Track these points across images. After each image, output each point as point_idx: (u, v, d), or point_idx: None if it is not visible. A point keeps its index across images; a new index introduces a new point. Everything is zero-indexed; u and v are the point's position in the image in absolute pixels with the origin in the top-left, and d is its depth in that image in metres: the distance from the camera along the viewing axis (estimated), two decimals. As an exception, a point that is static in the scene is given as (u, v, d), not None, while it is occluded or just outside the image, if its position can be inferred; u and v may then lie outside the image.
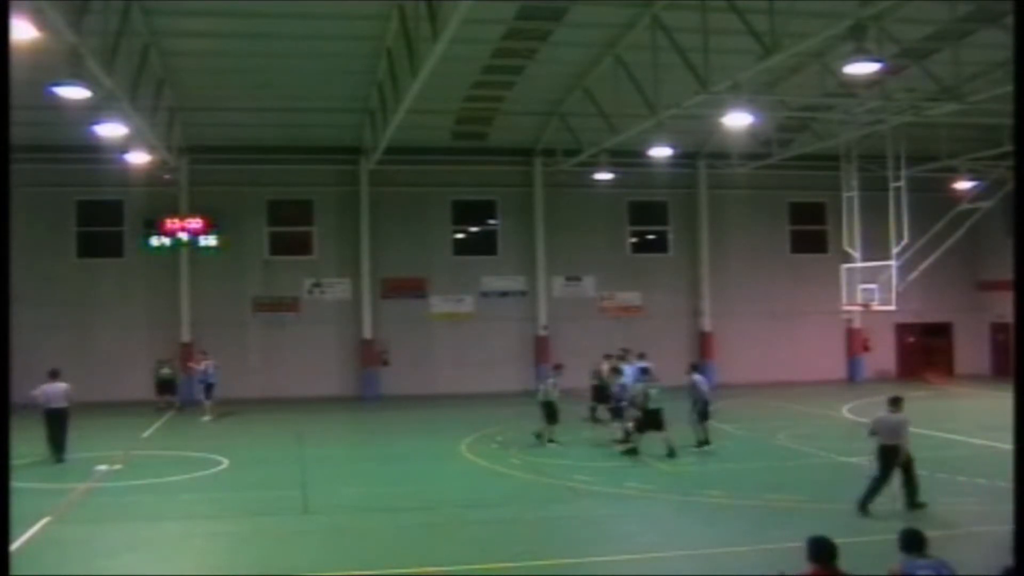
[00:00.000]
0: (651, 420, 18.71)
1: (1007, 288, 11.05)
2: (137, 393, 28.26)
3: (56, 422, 18.49)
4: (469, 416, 24.86)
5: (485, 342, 31.61)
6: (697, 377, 20.10)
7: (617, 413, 20.36)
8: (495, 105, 28.49)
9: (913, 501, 13.69)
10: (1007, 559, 6.58)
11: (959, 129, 28.19)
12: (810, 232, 34.54)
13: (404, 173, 31.01)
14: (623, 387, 20.40)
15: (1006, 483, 7.56)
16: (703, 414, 19.62)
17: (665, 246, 33.86)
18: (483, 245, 32.68)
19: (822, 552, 6.57)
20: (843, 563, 6.60)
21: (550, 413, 20.19)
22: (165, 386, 27.65)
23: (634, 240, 33.79)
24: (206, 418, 25.01)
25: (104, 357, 28.90)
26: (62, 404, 18.56)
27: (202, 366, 25.98)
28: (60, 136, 26.34)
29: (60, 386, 18.74)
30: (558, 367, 21.92)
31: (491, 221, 32.82)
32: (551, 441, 20.06)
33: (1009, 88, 18.13)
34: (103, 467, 17.82)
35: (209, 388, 25.65)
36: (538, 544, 12.29)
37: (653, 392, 18.88)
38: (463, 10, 14.29)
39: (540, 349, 31.88)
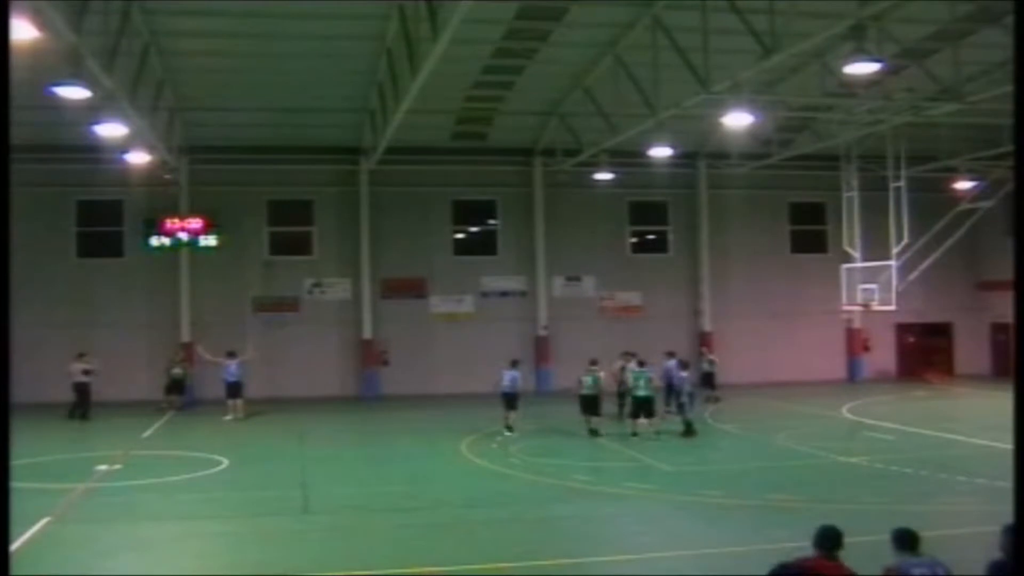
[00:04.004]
0: (644, 407, 20.85)
1: (1007, 288, 11.03)
2: (137, 393, 28.28)
3: (77, 392, 25.30)
4: (469, 416, 24.83)
5: (485, 342, 31.47)
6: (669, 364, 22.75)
7: (681, 408, 21.66)
8: (495, 105, 28.48)
9: None
10: (996, 555, 6.59)
11: (959, 129, 28.13)
12: (810, 232, 34.53)
13: (404, 173, 31.00)
14: (682, 380, 21.85)
15: (1006, 483, 7.56)
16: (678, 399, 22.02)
17: (665, 246, 33.86)
18: (483, 245, 32.68)
19: (825, 539, 6.57)
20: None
21: (593, 405, 21.29)
22: (175, 385, 27.56)
23: (634, 240, 33.78)
24: (228, 417, 24.95)
25: (104, 357, 28.74)
26: (80, 379, 25.35)
27: (226, 363, 25.74)
28: (60, 136, 26.29)
29: (79, 365, 25.57)
30: (595, 362, 22.35)
31: (491, 221, 32.82)
32: (595, 433, 21.07)
33: (1009, 88, 18.11)
34: (103, 467, 17.81)
35: (233, 387, 25.52)
36: (538, 544, 12.27)
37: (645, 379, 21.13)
38: (463, 10, 14.28)
39: (540, 349, 31.88)
